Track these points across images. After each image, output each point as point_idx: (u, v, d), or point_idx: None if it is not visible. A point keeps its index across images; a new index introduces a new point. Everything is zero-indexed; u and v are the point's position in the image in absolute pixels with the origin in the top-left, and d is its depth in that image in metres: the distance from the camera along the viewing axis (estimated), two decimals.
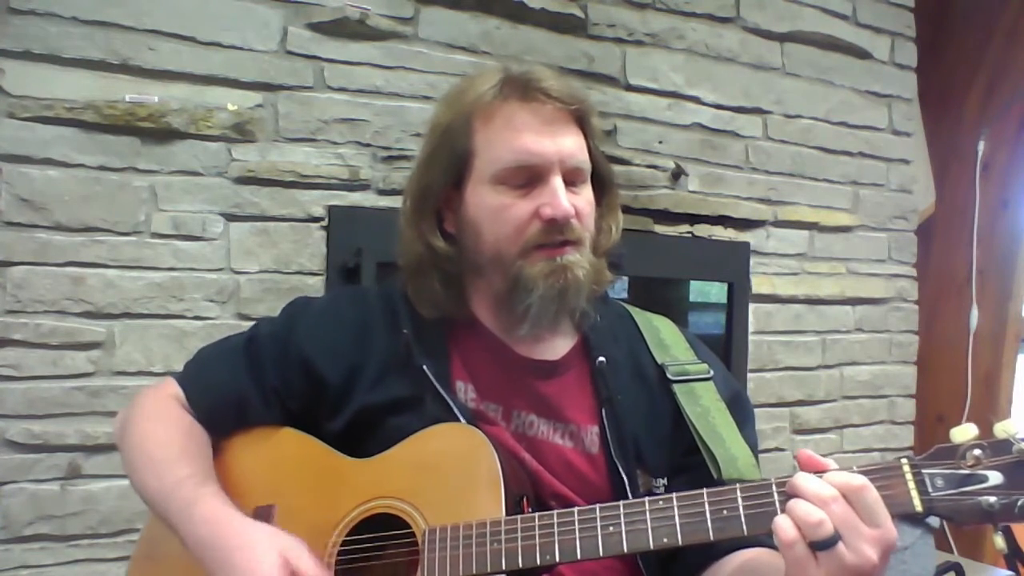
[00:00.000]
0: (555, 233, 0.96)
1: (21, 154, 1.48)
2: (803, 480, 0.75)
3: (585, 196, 1.01)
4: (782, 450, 2.30)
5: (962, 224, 2.68)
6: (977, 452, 0.74)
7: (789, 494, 0.76)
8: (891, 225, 2.51)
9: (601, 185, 1.05)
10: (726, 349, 2.18)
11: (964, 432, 0.76)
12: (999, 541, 0.76)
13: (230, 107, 1.63)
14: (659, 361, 1.05)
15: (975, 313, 2.64)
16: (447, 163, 1.01)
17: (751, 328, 2.24)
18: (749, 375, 2.23)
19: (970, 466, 0.74)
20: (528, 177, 0.97)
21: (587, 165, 1.01)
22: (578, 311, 1.02)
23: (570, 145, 0.98)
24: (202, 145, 1.62)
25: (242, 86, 1.65)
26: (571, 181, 0.99)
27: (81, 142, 1.52)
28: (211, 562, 0.88)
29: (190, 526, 0.90)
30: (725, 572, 0.94)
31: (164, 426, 1.02)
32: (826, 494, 0.73)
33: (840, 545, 0.72)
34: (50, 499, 1.51)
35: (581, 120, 1.01)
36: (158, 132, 1.57)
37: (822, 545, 0.72)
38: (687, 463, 1.00)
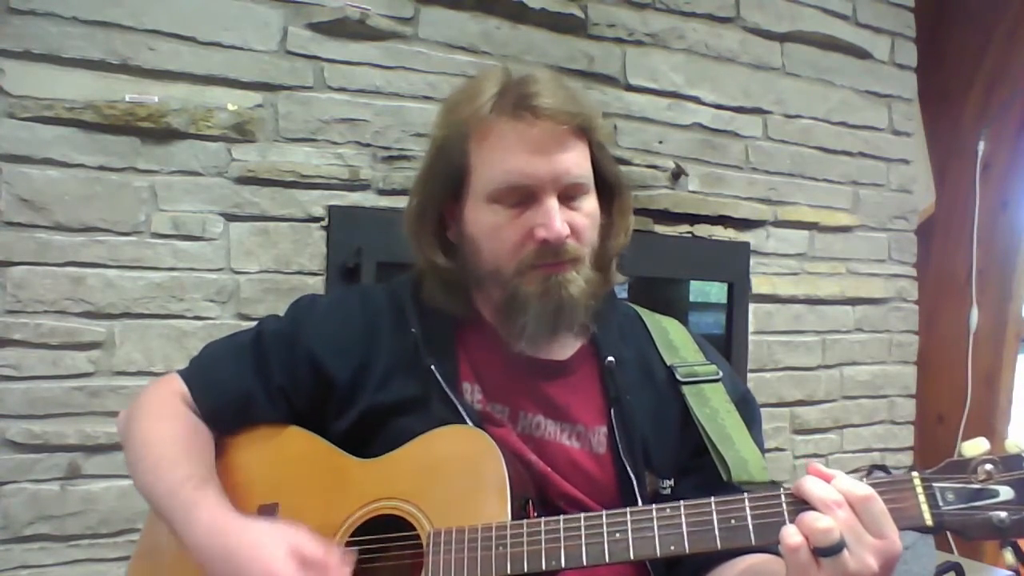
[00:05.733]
0: (549, 254, 0.95)
1: (21, 154, 1.48)
2: (810, 483, 0.76)
3: (585, 209, 0.98)
4: (782, 450, 2.30)
5: (962, 224, 2.68)
6: (988, 467, 0.74)
7: (796, 496, 0.76)
8: (891, 225, 2.51)
9: (608, 190, 1.03)
10: (726, 349, 2.18)
11: (975, 447, 0.76)
12: (1008, 557, 0.76)
13: (230, 107, 1.63)
14: (668, 362, 1.05)
15: (975, 313, 2.63)
16: (445, 178, 1.00)
17: (751, 328, 2.24)
18: (749, 375, 2.23)
19: (981, 481, 0.74)
20: (522, 197, 0.95)
21: (586, 179, 0.98)
22: (576, 325, 1.00)
23: (565, 163, 0.95)
24: (202, 145, 1.62)
25: (242, 86, 1.65)
26: (570, 196, 0.97)
27: (81, 142, 1.52)
28: (217, 567, 0.86)
29: (190, 530, 0.90)
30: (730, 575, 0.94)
31: (167, 424, 1.01)
32: (830, 498, 0.74)
33: (844, 552, 0.71)
34: (50, 499, 1.51)
35: (581, 130, 0.98)
36: (158, 132, 1.57)
37: (827, 552, 0.71)
38: (695, 464, 1.00)
